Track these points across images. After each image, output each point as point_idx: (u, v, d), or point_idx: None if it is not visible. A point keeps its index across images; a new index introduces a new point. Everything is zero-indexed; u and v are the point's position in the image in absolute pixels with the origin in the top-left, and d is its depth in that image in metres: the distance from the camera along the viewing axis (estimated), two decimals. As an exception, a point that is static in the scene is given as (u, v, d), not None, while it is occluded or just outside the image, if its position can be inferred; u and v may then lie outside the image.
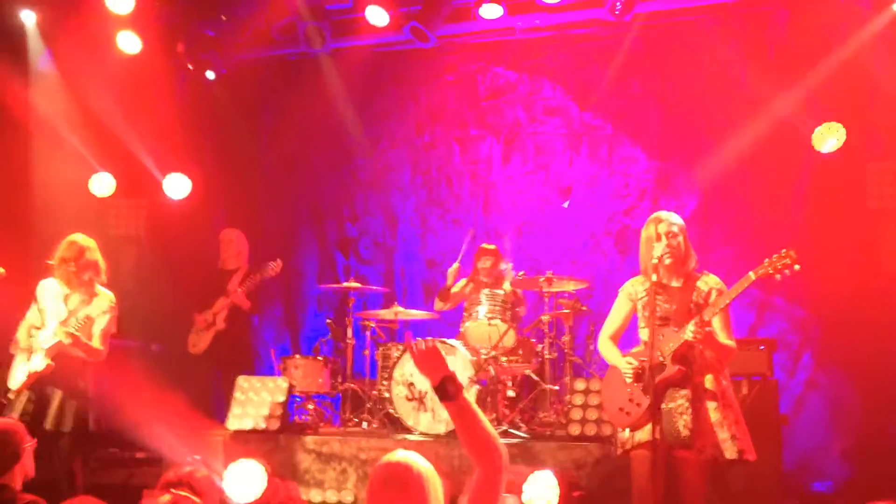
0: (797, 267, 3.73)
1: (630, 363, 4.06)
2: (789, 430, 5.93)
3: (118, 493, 5.72)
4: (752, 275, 3.79)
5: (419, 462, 2.66)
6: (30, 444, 3.84)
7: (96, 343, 5.06)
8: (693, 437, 3.88)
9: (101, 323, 5.08)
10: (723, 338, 3.97)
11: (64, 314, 5.05)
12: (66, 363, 5.02)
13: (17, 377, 5.06)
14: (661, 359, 3.94)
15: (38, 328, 5.13)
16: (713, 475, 4.11)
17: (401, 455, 2.68)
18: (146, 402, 5.54)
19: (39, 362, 5.01)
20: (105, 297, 5.14)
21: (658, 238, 4.08)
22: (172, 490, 3.04)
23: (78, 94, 7.25)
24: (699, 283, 4.09)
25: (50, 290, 5.17)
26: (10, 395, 5.03)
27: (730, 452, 3.92)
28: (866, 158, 6.44)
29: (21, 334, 5.15)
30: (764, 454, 4.60)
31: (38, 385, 5.03)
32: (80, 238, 5.21)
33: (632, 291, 4.23)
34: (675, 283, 4.12)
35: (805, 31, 6.53)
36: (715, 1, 6.78)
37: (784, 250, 3.76)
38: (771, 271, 3.76)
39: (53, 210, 7.02)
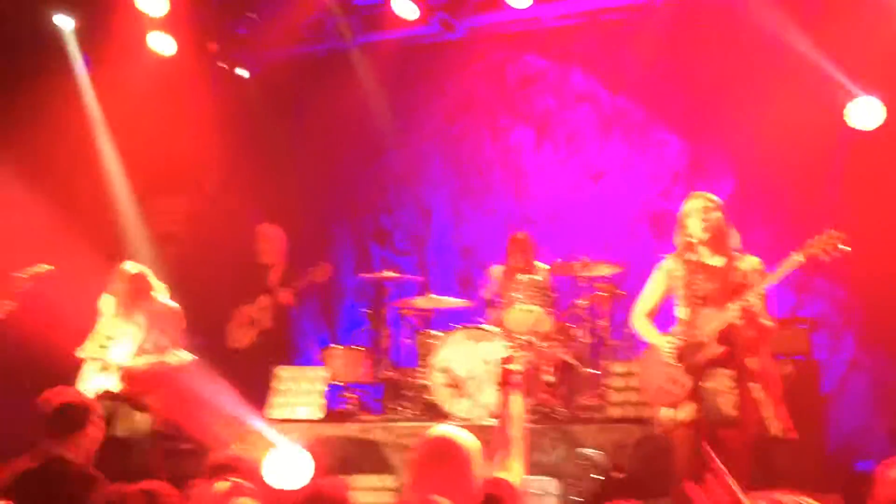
0: (844, 248, 3.65)
1: (671, 343, 4.04)
2: (832, 410, 5.87)
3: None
4: (799, 256, 3.74)
5: (461, 436, 2.70)
6: (97, 418, 3.89)
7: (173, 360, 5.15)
8: (738, 415, 3.86)
9: (168, 339, 5.17)
10: (763, 317, 3.94)
11: (139, 336, 5.11)
12: (135, 382, 5.08)
13: (86, 388, 5.05)
14: (702, 339, 3.92)
15: (110, 338, 5.18)
16: (757, 453, 4.09)
17: (442, 430, 2.72)
18: (194, 395, 5.64)
19: (113, 384, 5.03)
20: (171, 311, 5.21)
21: (690, 214, 4.06)
22: (230, 478, 3.07)
23: (114, 96, 7.39)
24: (739, 264, 4.06)
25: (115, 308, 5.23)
26: None
27: (774, 429, 3.90)
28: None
29: (92, 344, 5.18)
30: (808, 434, 4.57)
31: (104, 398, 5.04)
32: (129, 267, 5.28)
33: (671, 269, 4.20)
34: (714, 262, 4.09)
35: (842, 5, 6.42)
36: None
37: (828, 231, 3.68)
38: (817, 252, 3.69)
39: (99, 210, 7.19)
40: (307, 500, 2.81)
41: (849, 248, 3.65)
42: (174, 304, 5.29)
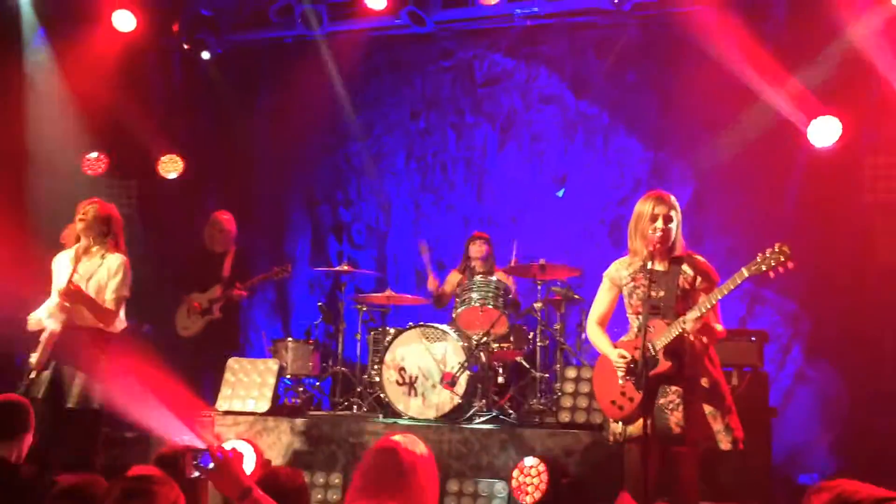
0: (790, 265, 3.65)
1: (623, 356, 3.96)
2: (777, 423, 5.95)
3: (105, 472, 5.70)
4: (744, 272, 3.69)
5: (413, 448, 2.63)
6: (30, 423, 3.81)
7: (109, 304, 4.86)
8: (685, 432, 3.84)
9: (112, 286, 4.89)
10: (714, 323, 3.93)
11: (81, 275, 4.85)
12: (79, 338, 4.83)
13: (36, 352, 4.86)
14: (652, 352, 3.88)
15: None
16: (703, 465, 4.10)
17: (396, 439, 2.66)
18: (139, 381, 5.51)
19: (52, 325, 4.80)
20: (116, 258, 4.92)
21: (654, 219, 4.02)
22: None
23: (72, 72, 7.18)
24: (685, 267, 4.03)
25: (61, 261, 5.00)
26: (31, 376, 4.81)
27: (724, 443, 3.88)
28: (863, 151, 6.44)
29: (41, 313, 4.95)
30: (753, 446, 4.60)
31: (57, 363, 4.84)
32: (98, 201, 5.06)
33: (616, 276, 4.15)
34: (659, 267, 4.06)
35: (804, 23, 6.52)
36: (714, -9, 6.76)
37: (777, 245, 3.64)
38: (764, 268, 3.65)
39: (47, 189, 6.98)
40: (263, 484, 2.76)
41: (791, 265, 3.64)
42: (121, 256, 4.98)
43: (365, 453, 2.68)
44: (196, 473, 2.59)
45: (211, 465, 2.56)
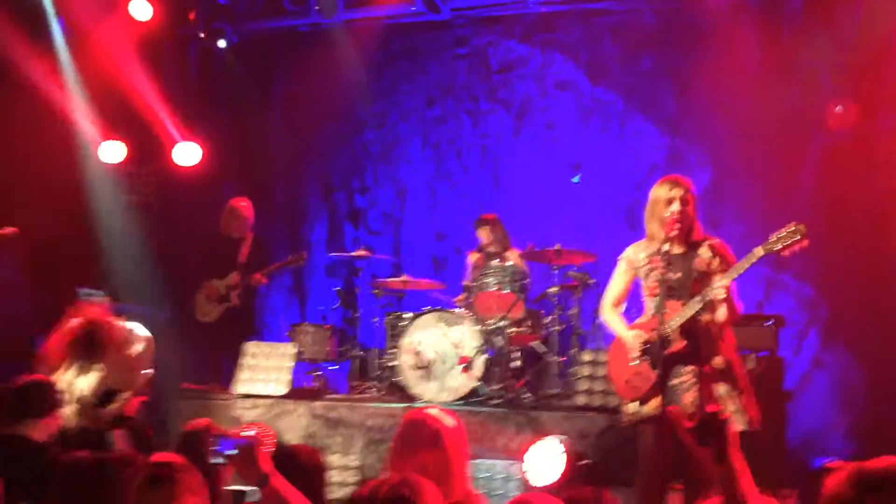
0: (805, 243, 3.66)
1: (637, 337, 4.03)
2: (793, 408, 5.95)
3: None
4: (759, 250, 3.73)
5: (441, 418, 2.72)
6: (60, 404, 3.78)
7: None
8: (699, 412, 3.87)
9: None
10: (730, 303, 3.94)
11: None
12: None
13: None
14: (666, 332, 3.91)
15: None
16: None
17: (426, 411, 2.74)
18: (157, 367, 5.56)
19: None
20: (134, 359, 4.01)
21: (670, 202, 4.03)
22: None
23: (89, 60, 7.24)
24: (701, 251, 4.05)
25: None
26: None
27: (739, 424, 3.91)
28: (879, 137, 6.41)
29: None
30: (767, 429, 4.62)
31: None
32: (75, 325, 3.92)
33: (633, 259, 4.19)
34: (676, 251, 4.08)
35: (820, 8, 6.48)
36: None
37: (793, 224, 3.66)
38: (778, 247, 3.67)
39: (67, 177, 7.06)
40: (282, 460, 2.82)
41: (806, 243, 3.63)
42: (140, 344, 4.18)
43: (399, 424, 2.79)
44: (217, 459, 2.63)
45: (231, 452, 2.59)
